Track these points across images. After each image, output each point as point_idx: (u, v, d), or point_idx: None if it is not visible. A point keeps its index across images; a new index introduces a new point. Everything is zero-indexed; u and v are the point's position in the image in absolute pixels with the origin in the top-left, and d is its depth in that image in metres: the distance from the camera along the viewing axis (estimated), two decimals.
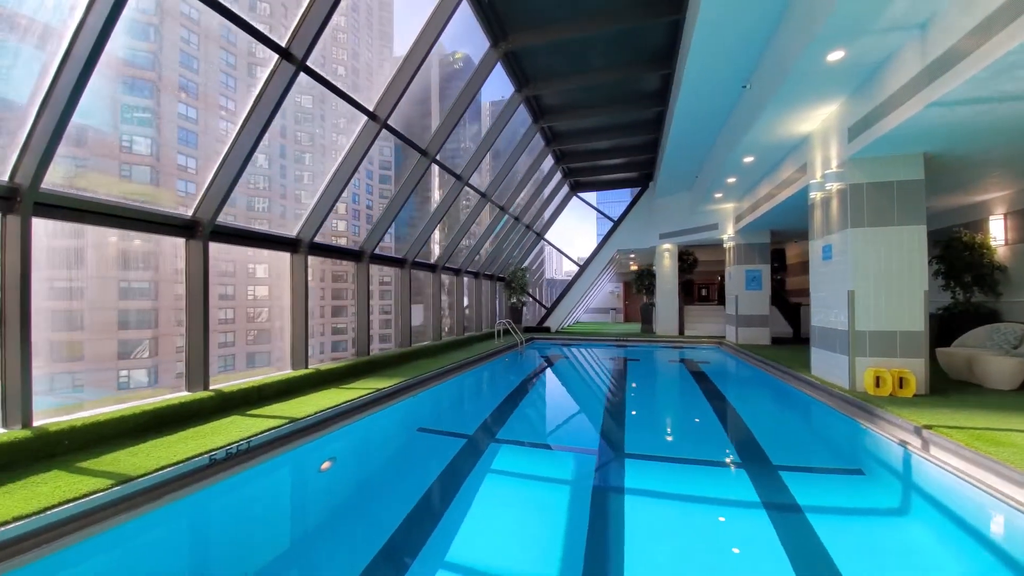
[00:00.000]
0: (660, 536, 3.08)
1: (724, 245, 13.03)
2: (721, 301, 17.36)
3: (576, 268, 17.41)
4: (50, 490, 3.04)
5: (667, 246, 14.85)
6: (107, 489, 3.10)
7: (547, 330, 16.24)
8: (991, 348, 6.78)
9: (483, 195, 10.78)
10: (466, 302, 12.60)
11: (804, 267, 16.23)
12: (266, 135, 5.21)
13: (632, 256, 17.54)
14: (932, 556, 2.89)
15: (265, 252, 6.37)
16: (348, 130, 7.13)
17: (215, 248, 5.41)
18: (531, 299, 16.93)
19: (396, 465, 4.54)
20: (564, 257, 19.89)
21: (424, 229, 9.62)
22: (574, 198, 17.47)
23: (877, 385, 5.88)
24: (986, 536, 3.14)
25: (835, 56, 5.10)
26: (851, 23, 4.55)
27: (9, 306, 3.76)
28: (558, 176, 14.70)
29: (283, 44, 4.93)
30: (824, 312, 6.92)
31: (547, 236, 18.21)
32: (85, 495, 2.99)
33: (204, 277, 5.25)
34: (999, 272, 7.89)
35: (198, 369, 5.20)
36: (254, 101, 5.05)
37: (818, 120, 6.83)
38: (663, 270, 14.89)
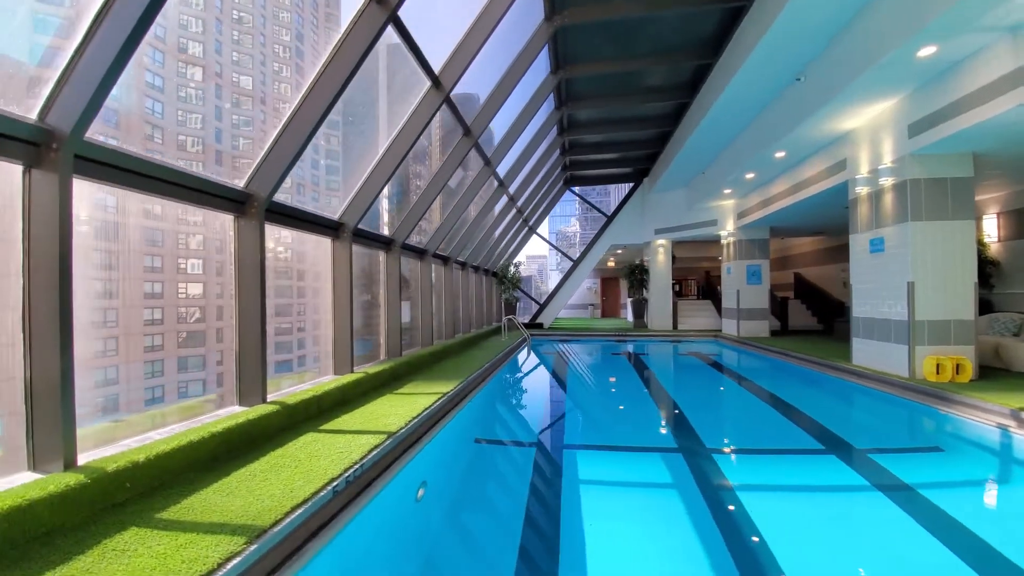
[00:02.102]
0: (798, 527, 2.99)
1: (722, 241, 13.40)
2: (705, 296, 17.98)
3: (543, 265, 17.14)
4: (151, 566, 2.12)
5: (661, 241, 15.06)
6: (240, 551, 2.24)
7: (540, 326, 15.88)
8: (992, 335, 7.40)
9: (501, 183, 10.15)
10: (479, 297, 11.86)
11: (781, 263, 17.25)
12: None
13: (619, 251, 17.67)
14: None
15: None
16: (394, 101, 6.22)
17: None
18: (523, 294, 16.48)
19: (482, 481, 3.98)
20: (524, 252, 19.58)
21: (448, 219, 8.82)
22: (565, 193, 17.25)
23: (937, 372, 6.13)
24: None
25: (926, 51, 5.17)
26: (960, 21, 4.59)
27: (40, 302, 2.69)
28: (557, 169, 14.35)
29: None
30: (873, 303, 7.16)
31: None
32: (214, 570, 2.11)
33: (260, 265, 4.25)
34: (991, 266, 8.67)
35: (254, 378, 4.21)
36: (331, 54, 4.15)
37: (866, 117, 7.03)
38: (657, 265, 15.08)
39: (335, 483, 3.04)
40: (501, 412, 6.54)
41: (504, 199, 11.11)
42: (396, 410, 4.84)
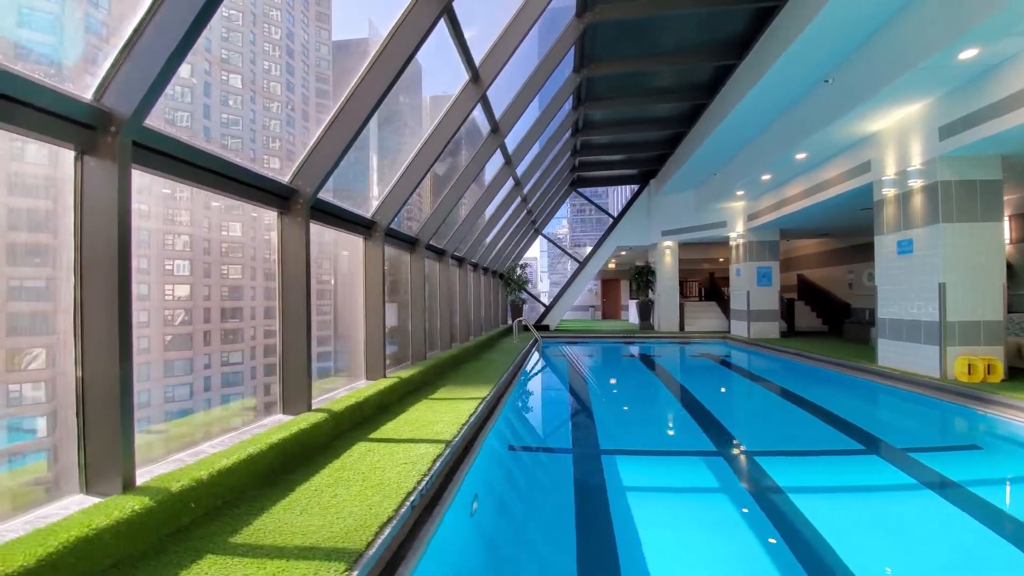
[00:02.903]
0: (849, 524, 3.01)
1: (731, 243, 13.44)
2: (709, 297, 18.05)
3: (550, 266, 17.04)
4: None
5: (668, 243, 15.06)
6: None
7: (546, 328, 15.73)
8: (1010, 336, 7.44)
9: (518, 182, 9.99)
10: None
11: (784, 264, 17.38)
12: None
13: (623, 253, 17.65)
14: None
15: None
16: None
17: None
18: (529, 296, 16.31)
19: (527, 490, 3.82)
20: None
21: (467, 220, 8.62)
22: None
23: (969, 372, 6.15)
24: None
25: (968, 54, 5.18)
26: (1008, 22, 4.58)
27: (95, 302, 2.44)
28: (567, 170, 14.24)
29: None
30: (902, 304, 7.17)
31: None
32: None
33: (306, 265, 4.01)
34: (1007, 268, 8.80)
35: (299, 385, 3.97)
36: (381, 46, 3.95)
37: (894, 119, 7.06)
38: (664, 267, 15.07)
39: (411, 497, 2.84)
40: (530, 418, 6.37)
41: (518, 200, 10.95)
42: (441, 417, 4.63)
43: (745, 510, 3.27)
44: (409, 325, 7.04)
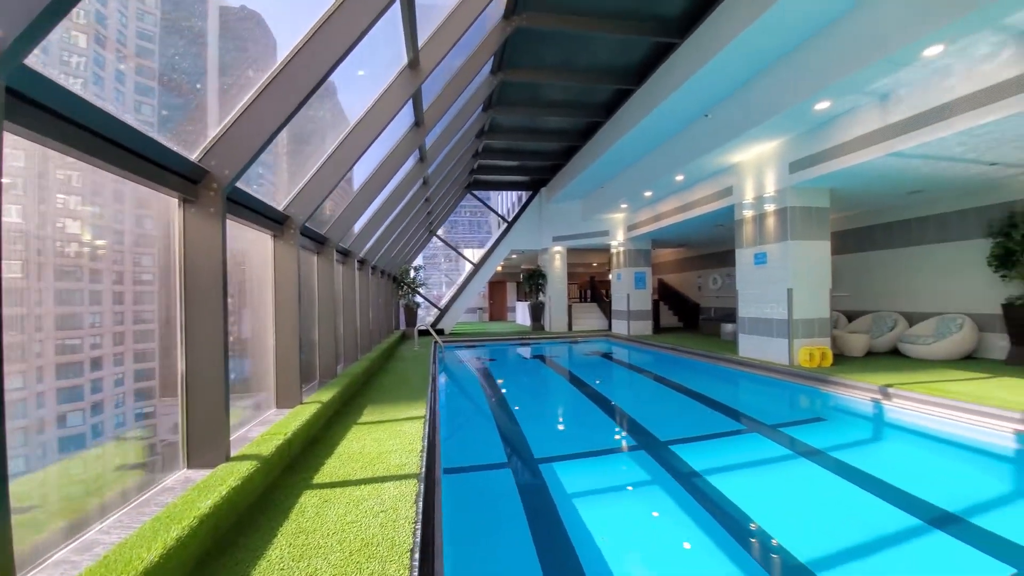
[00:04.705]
0: (754, 491, 3.74)
1: (612, 250, 14.80)
2: (591, 299, 19.57)
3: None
4: None
5: (558, 248, 15.92)
6: None
7: (441, 332, 15.23)
8: (874, 332, 9.45)
9: (425, 181, 9.44)
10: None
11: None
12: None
13: (514, 256, 18.09)
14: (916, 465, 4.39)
15: None
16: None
17: None
18: (424, 299, 15.58)
19: (482, 514, 3.60)
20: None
21: (374, 219, 7.81)
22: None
23: (810, 359, 7.77)
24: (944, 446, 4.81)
25: (821, 105, 6.53)
26: (855, 85, 5.89)
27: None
28: (466, 172, 13.98)
29: None
30: (757, 305, 8.71)
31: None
32: None
33: (222, 270, 3.10)
34: None
35: (213, 425, 3.05)
36: (330, 10, 3.27)
37: (754, 152, 8.56)
38: (554, 271, 15.90)
39: (414, 556, 2.37)
40: (459, 434, 6.02)
41: (423, 200, 10.36)
42: (388, 445, 4.04)
43: (677, 496, 3.70)
44: (316, 337, 6.06)
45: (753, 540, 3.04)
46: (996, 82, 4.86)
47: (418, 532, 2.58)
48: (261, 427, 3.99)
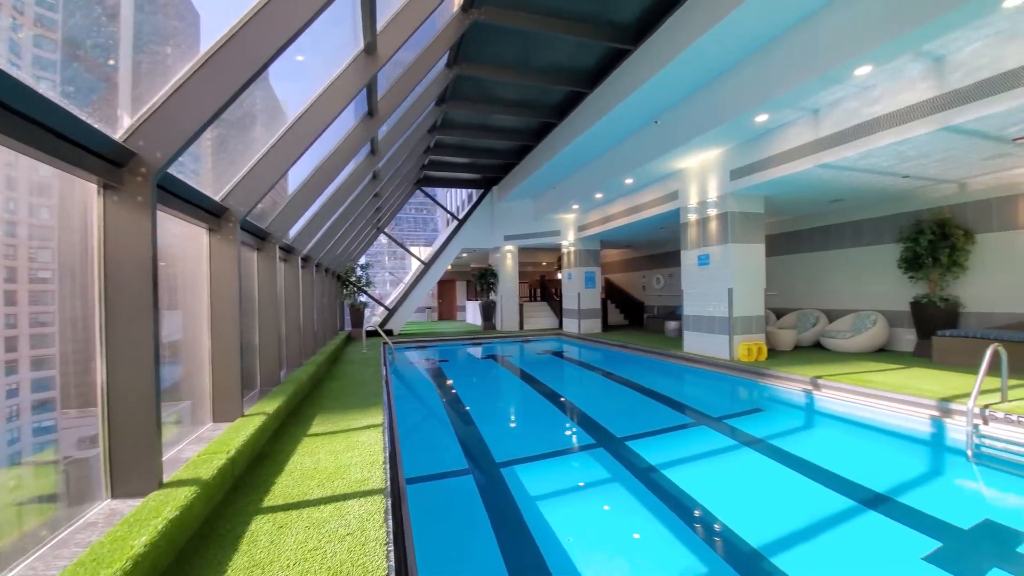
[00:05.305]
0: (710, 483, 3.96)
1: (563, 250, 15.01)
2: (541, 298, 19.73)
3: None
4: None
5: (510, 247, 15.89)
6: None
7: (390, 332, 14.65)
8: (800, 328, 10.24)
9: (375, 176, 8.99)
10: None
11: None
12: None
13: (464, 255, 17.82)
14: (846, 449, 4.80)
15: None
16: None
17: None
18: (371, 299, 14.88)
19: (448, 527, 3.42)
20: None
21: (320, 214, 7.31)
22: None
23: (748, 354, 8.31)
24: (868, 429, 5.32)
25: (761, 118, 6.98)
26: (792, 100, 6.34)
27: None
28: (416, 168, 13.51)
29: None
30: (701, 304, 9.18)
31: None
32: None
33: (152, 266, 2.69)
34: None
35: (142, 446, 2.65)
36: None
37: (698, 159, 9.00)
38: (505, 270, 15.85)
39: None
40: (419, 440, 5.77)
41: (371, 195, 9.86)
42: (345, 458, 3.75)
43: (629, 487, 3.87)
44: (256, 341, 5.55)
45: (706, 527, 3.23)
46: (914, 102, 5.42)
47: (391, 555, 2.38)
48: (197, 445, 3.55)
